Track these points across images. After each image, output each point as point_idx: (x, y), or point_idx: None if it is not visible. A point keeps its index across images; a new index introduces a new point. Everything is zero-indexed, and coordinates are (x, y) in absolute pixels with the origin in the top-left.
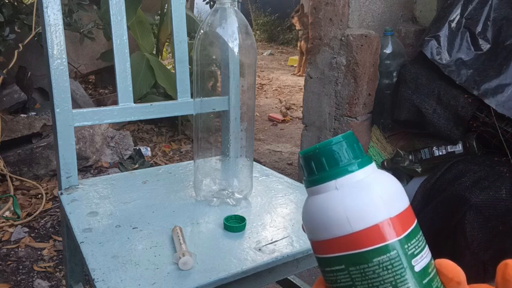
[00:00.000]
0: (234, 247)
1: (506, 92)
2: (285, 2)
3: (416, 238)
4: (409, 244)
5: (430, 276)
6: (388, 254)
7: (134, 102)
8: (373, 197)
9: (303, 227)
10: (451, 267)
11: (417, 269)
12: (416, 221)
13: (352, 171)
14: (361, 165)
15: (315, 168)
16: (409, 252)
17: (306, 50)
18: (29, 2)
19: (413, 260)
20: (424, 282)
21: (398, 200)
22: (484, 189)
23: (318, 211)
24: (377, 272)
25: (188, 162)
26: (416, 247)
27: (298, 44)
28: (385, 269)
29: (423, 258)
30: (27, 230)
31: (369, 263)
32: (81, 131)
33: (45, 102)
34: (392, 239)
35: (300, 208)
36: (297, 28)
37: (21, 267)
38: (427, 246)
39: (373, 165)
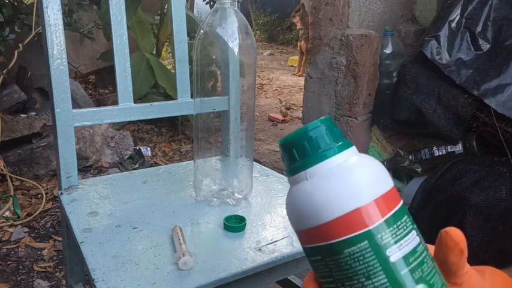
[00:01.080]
0: (234, 247)
1: (506, 92)
2: (285, 2)
3: (396, 225)
4: (383, 233)
5: (412, 265)
6: (358, 245)
7: (134, 102)
8: (340, 186)
9: None
10: (458, 234)
11: (393, 259)
12: (399, 205)
13: (320, 160)
14: (329, 155)
15: (287, 159)
16: (384, 242)
17: (306, 50)
18: (29, 2)
19: (388, 250)
20: (402, 272)
21: (371, 186)
22: (484, 189)
23: (292, 202)
24: (349, 264)
25: (188, 162)
26: (395, 235)
27: (298, 44)
28: (356, 260)
29: (403, 247)
30: (27, 230)
31: (340, 254)
32: (81, 131)
33: (45, 102)
34: (361, 229)
35: None
36: (297, 27)
37: (21, 267)
38: (413, 231)
39: (347, 152)
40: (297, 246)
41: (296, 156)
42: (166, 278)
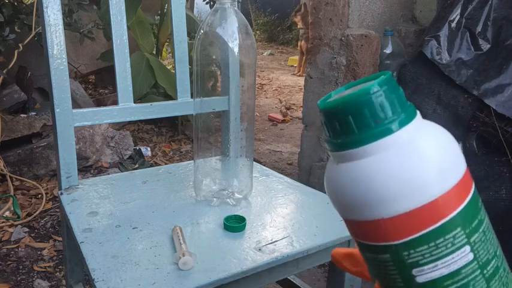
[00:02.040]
0: (234, 247)
1: (506, 92)
2: (285, 2)
3: (435, 243)
4: (411, 251)
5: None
6: (380, 256)
7: (134, 102)
8: (391, 182)
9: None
10: None
11: (420, 280)
12: (450, 216)
13: (373, 140)
14: (385, 133)
15: (336, 128)
16: (410, 261)
17: (306, 49)
18: (29, 2)
19: (415, 270)
20: None
21: (437, 180)
22: (484, 189)
23: (331, 184)
24: (378, 268)
25: (188, 162)
26: (430, 254)
27: (299, 44)
28: (382, 267)
29: (440, 268)
30: (27, 230)
31: (374, 254)
32: (81, 131)
33: (45, 102)
34: (383, 241)
35: (300, 208)
36: (298, 27)
37: (21, 267)
38: (467, 247)
39: (410, 127)
40: (297, 246)
41: (339, 130)
42: (166, 278)
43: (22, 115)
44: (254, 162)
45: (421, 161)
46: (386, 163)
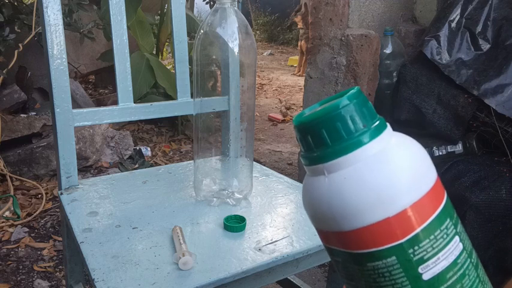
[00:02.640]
0: (234, 247)
1: (506, 92)
2: (285, 2)
3: (434, 235)
4: (416, 247)
5: (451, 281)
6: (383, 261)
7: (134, 102)
8: (365, 193)
9: None
10: None
11: (427, 276)
12: (441, 207)
13: (341, 154)
14: (352, 146)
15: (303, 144)
16: (416, 258)
17: (306, 49)
18: (29, 2)
19: (421, 267)
20: None
21: (407, 189)
22: (484, 189)
23: (309, 197)
24: (373, 277)
25: (188, 162)
26: (432, 248)
27: (299, 44)
28: (381, 275)
29: (441, 261)
30: (27, 230)
31: (362, 266)
32: (81, 131)
33: (45, 102)
34: (389, 243)
35: (300, 208)
36: (299, 27)
37: (21, 267)
38: (456, 237)
39: (380, 138)
40: (297, 246)
41: (312, 145)
42: (166, 278)
43: (22, 115)
44: (254, 162)
45: (399, 165)
46: (364, 173)
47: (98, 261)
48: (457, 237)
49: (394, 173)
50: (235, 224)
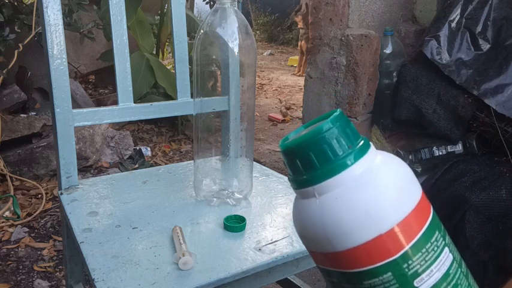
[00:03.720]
0: (234, 247)
1: (506, 92)
2: (285, 2)
3: (426, 248)
4: (410, 261)
5: None
6: (379, 277)
7: (134, 102)
8: (357, 211)
9: None
10: None
11: None
12: (430, 218)
13: (331, 175)
14: (341, 167)
15: (291, 168)
16: (411, 272)
17: (306, 49)
18: (29, 2)
19: (416, 280)
20: None
21: (396, 205)
22: (484, 189)
23: (300, 220)
24: None
25: (188, 162)
26: (424, 261)
27: (299, 44)
28: None
29: (434, 273)
30: (27, 230)
31: (359, 284)
32: (81, 131)
33: (45, 102)
34: (384, 259)
35: None
36: (299, 27)
37: (21, 267)
38: (446, 248)
39: (366, 157)
40: (297, 246)
41: (301, 168)
42: (166, 278)
43: (22, 115)
44: (254, 162)
45: (385, 183)
46: (354, 193)
47: (98, 261)
48: (446, 249)
49: (380, 191)
50: (235, 224)
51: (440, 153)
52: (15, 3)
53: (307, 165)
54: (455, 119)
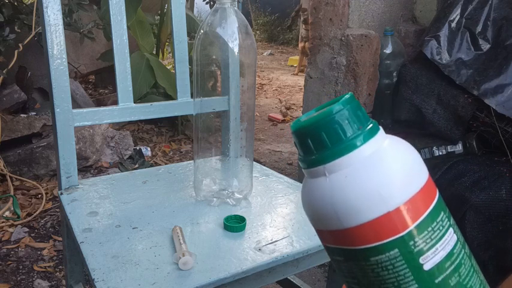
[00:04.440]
0: (234, 247)
1: (506, 92)
2: (285, 2)
3: (432, 227)
4: (416, 239)
5: (449, 270)
6: (386, 254)
7: (134, 102)
8: (366, 187)
9: None
10: None
11: (427, 267)
12: (436, 198)
13: (341, 154)
14: (351, 147)
15: (302, 148)
16: (417, 249)
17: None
18: (29, 2)
19: (422, 258)
20: (437, 280)
21: (404, 184)
22: (484, 189)
23: (309, 199)
24: (376, 271)
25: (188, 162)
26: (430, 239)
27: (301, 45)
28: (384, 269)
29: (439, 251)
30: (27, 230)
31: (366, 261)
32: (81, 131)
33: (45, 102)
34: (391, 236)
35: (300, 208)
36: (304, 27)
37: (21, 267)
38: (451, 228)
39: (376, 139)
40: (297, 246)
41: (312, 147)
42: (166, 278)
43: (22, 115)
44: (254, 162)
45: (394, 163)
46: (363, 172)
47: (98, 261)
48: (451, 229)
49: (390, 170)
50: (235, 224)
51: (440, 153)
52: (15, 3)
53: (319, 144)
54: (455, 119)
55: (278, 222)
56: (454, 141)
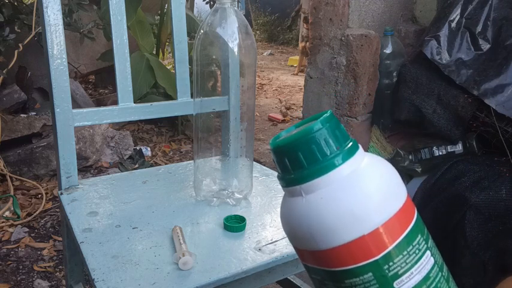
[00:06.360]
0: (234, 247)
1: (506, 92)
2: (285, 2)
3: (407, 251)
4: (391, 263)
5: None
6: (360, 277)
7: (134, 102)
8: (341, 212)
9: None
10: None
11: None
12: (413, 221)
13: (317, 175)
14: (328, 168)
15: (279, 166)
16: (391, 273)
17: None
18: (29, 2)
19: (396, 282)
20: None
21: (380, 207)
22: (484, 189)
23: (286, 217)
24: None
25: (188, 162)
26: (405, 263)
27: (302, 45)
28: None
29: (414, 275)
30: (27, 230)
31: (341, 283)
32: (81, 131)
33: (45, 102)
34: (365, 260)
35: None
36: (305, 27)
37: (21, 267)
38: (428, 252)
39: (354, 159)
40: None
41: (289, 167)
42: (166, 278)
43: (22, 115)
44: (254, 162)
45: (370, 185)
46: (339, 193)
47: (98, 261)
48: (428, 252)
49: (365, 193)
50: (235, 224)
51: (440, 153)
52: (15, 3)
53: (296, 164)
54: (455, 119)
55: (278, 222)
56: (454, 141)
